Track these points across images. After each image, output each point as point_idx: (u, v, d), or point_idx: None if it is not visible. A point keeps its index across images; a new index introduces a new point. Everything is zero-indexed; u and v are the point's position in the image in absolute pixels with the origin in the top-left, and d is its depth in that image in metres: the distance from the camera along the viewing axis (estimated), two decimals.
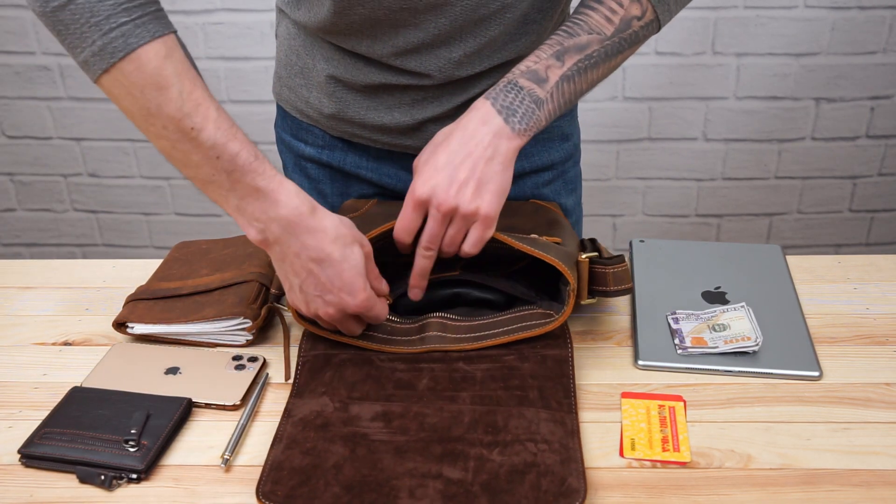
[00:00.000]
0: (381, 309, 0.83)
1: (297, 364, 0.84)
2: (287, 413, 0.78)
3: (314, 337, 0.87)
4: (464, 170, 0.79)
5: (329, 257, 0.77)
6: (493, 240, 0.83)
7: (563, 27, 0.82)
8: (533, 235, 0.88)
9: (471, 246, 0.81)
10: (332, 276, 0.78)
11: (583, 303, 0.87)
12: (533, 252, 0.82)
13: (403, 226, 0.82)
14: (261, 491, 0.69)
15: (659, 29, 0.84)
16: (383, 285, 0.84)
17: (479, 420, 0.76)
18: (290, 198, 0.76)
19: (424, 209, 0.81)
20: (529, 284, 0.93)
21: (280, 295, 0.90)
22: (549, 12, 0.93)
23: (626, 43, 0.83)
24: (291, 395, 0.80)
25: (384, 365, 0.84)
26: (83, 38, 0.71)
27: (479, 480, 0.69)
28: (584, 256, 0.86)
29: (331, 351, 0.85)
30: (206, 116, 0.73)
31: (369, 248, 0.81)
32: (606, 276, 0.86)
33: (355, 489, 0.69)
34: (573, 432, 0.74)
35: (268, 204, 0.76)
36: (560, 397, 0.78)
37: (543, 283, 0.92)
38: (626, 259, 1.02)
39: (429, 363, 0.84)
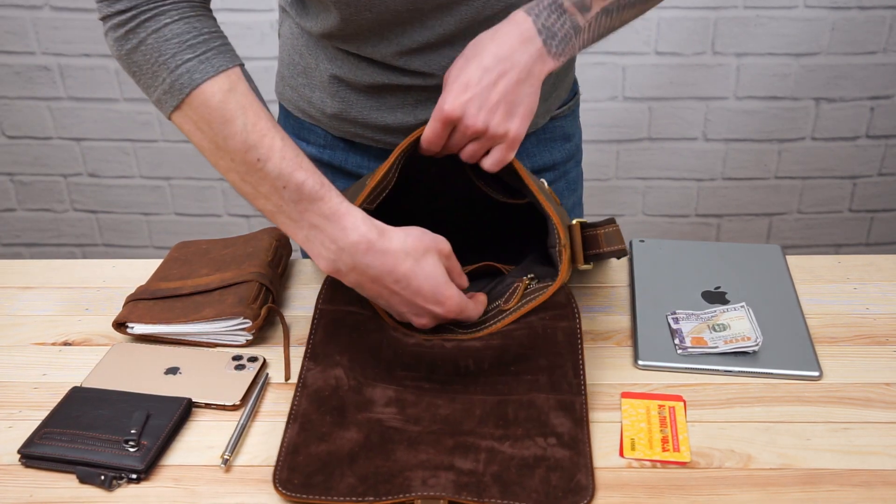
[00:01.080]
0: (474, 309, 0.83)
1: (314, 318, 0.83)
2: (302, 384, 0.78)
3: (333, 288, 0.86)
4: (496, 92, 0.78)
5: (406, 274, 0.77)
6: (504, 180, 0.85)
7: None
8: (542, 180, 0.88)
9: (492, 165, 0.81)
10: (415, 290, 0.78)
11: (580, 268, 0.87)
12: (538, 195, 0.82)
13: (431, 139, 0.81)
14: (278, 479, 0.69)
15: None
16: (464, 280, 0.84)
17: (490, 413, 0.76)
18: (358, 224, 0.76)
19: (453, 126, 0.80)
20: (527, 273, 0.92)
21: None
22: None
23: None
24: (305, 357, 0.80)
25: (398, 336, 0.83)
26: (155, 77, 0.75)
27: (491, 471, 0.70)
28: (575, 221, 0.87)
29: (348, 308, 0.84)
30: (271, 147, 0.75)
31: (446, 246, 0.80)
32: (598, 237, 0.86)
33: (370, 479, 0.69)
34: (582, 420, 0.74)
35: (336, 231, 0.76)
36: (570, 377, 0.78)
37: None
38: (628, 257, 1.02)
39: (440, 337, 0.84)
